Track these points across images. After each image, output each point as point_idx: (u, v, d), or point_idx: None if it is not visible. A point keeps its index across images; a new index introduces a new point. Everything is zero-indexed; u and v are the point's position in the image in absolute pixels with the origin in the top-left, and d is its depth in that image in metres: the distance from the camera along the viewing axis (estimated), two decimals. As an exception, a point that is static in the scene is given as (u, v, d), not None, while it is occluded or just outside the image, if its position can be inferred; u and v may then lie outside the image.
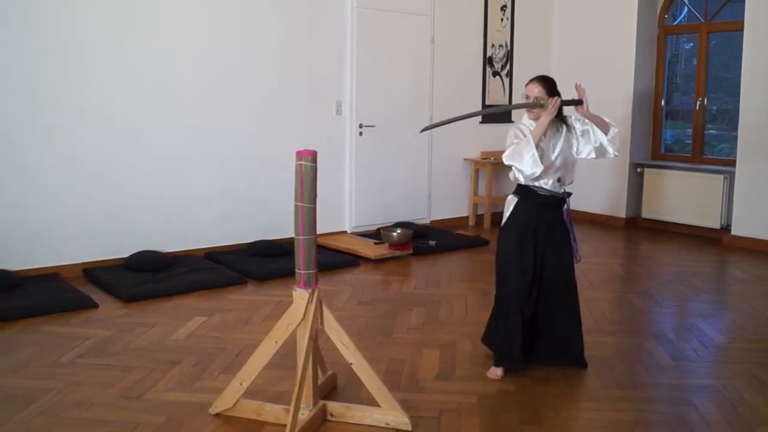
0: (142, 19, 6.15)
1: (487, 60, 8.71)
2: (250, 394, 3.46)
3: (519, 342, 3.95)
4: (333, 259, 6.49)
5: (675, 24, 8.74)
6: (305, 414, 3.27)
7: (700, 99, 8.28)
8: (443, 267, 6.55)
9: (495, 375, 3.96)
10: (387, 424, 3.34)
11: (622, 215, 8.66)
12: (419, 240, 7.19)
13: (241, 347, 4.34)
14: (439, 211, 8.44)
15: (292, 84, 7.14)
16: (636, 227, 8.60)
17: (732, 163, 7.72)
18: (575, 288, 4.16)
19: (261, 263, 6.27)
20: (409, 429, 3.31)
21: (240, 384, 3.40)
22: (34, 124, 5.71)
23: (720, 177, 7.85)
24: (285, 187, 6.60)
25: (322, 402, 3.44)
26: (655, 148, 8.78)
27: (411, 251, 6.92)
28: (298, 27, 7.10)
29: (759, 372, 4.09)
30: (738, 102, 7.53)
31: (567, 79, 9.00)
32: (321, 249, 6.32)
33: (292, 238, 3.39)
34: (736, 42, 7.83)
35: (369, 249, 6.85)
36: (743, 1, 7.46)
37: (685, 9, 8.64)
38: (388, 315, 5.09)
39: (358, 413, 3.41)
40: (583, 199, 9.04)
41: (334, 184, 7.49)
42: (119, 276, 5.76)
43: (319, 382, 3.53)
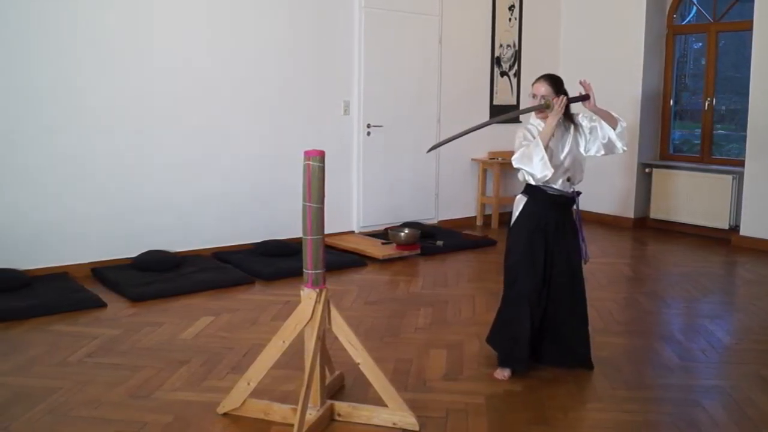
0: (149, 19, 6.17)
1: (495, 60, 8.70)
2: (257, 393, 3.47)
3: (525, 343, 3.93)
4: (340, 259, 6.50)
5: (684, 24, 8.71)
6: (312, 414, 3.27)
7: (708, 99, 8.25)
8: (451, 267, 6.54)
9: (502, 376, 3.94)
10: (394, 424, 3.34)
11: (630, 215, 8.63)
12: (427, 240, 7.18)
13: (249, 347, 4.35)
14: (447, 211, 8.44)
15: (300, 84, 7.15)
16: (644, 227, 8.57)
17: (741, 164, 7.69)
18: (583, 289, 4.13)
19: (269, 263, 6.28)
20: (417, 429, 3.31)
21: (248, 384, 3.40)
22: (41, 124, 5.73)
23: (729, 177, 7.82)
24: (293, 187, 6.62)
25: (329, 402, 3.44)
26: (664, 148, 8.75)
27: (418, 251, 6.92)
28: (305, 27, 7.11)
29: (767, 373, 4.08)
30: (747, 102, 7.50)
31: (575, 79, 8.96)
32: (329, 249, 6.34)
33: (299, 238, 3.40)
34: (745, 42, 7.80)
35: (376, 249, 6.85)
36: (752, 1, 7.42)
37: (694, 9, 8.62)
38: (395, 315, 5.09)
39: (365, 413, 3.41)
40: (591, 199, 9.02)
41: (341, 184, 7.49)
42: (127, 275, 5.78)
43: (327, 382, 3.54)
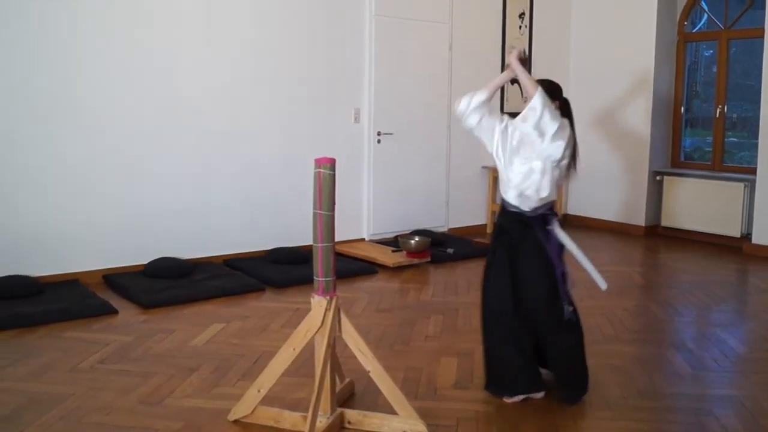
0: (163, 26, 6.21)
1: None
2: (268, 401, 3.47)
3: (514, 367, 3.69)
4: (351, 267, 6.50)
5: (695, 31, 8.69)
6: (323, 421, 3.27)
7: (720, 106, 8.23)
8: (461, 275, 6.53)
9: (512, 400, 3.73)
10: (404, 431, 3.34)
11: (641, 223, 8.60)
12: (437, 248, 7.18)
13: (260, 354, 4.36)
14: (457, 219, 8.44)
15: (310, 92, 7.17)
16: (655, 235, 8.54)
17: (753, 171, 7.65)
18: (566, 321, 3.67)
19: (279, 270, 6.29)
20: (427, 437, 3.31)
21: (258, 391, 3.41)
22: (53, 131, 5.77)
23: (740, 185, 7.78)
24: (303, 195, 6.64)
25: (339, 409, 3.44)
26: (675, 155, 8.73)
27: (429, 259, 6.91)
28: (316, 35, 7.14)
29: (780, 382, 4.06)
30: (758, 109, 7.47)
31: (586, 87, 9.07)
32: (339, 256, 6.34)
33: (310, 245, 3.40)
34: (756, 49, 7.77)
35: (387, 257, 6.85)
36: (764, 8, 7.41)
37: (705, 16, 8.60)
38: (405, 323, 5.09)
39: (375, 421, 3.40)
40: (602, 207, 9.02)
41: (352, 191, 7.51)
42: (139, 282, 5.80)
43: (337, 389, 3.54)
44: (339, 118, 7.42)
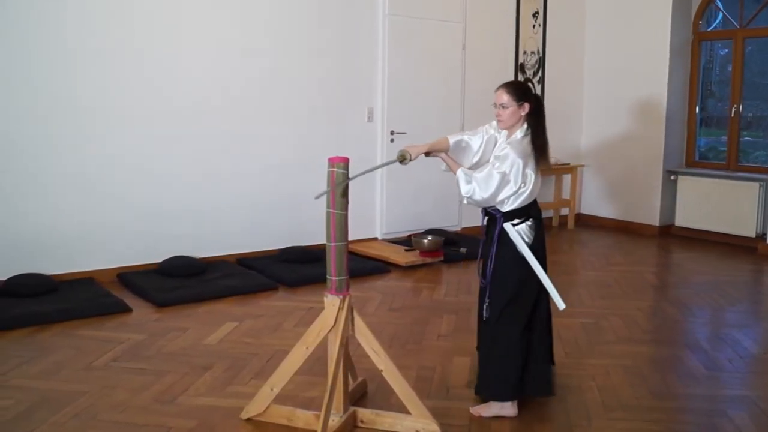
0: (178, 26, 6.23)
1: (519, 67, 8.68)
2: (281, 399, 3.48)
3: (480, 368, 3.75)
4: (364, 266, 6.51)
5: (710, 30, 8.64)
6: (336, 420, 3.28)
7: (735, 105, 8.17)
8: (474, 274, 6.47)
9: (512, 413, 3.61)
10: (417, 431, 3.34)
11: (655, 223, 8.56)
12: (450, 247, 7.17)
13: (273, 353, 4.37)
14: (470, 219, 8.41)
15: (324, 91, 7.18)
16: (669, 235, 8.50)
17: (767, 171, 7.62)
18: (489, 318, 3.63)
19: (292, 269, 6.30)
20: (439, 437, 3.31)
21: (271, 389, 3.42)
22: (69, 131, 5.80)
23: (756, 185, 7.73)
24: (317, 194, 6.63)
25: (352, 408, 3.45)
26: (690, 155, 8.68)
27: (442, 258, 6.91)
28: (330, 34, 7.15)
29: (796, 383, 4.03)
30: (774, 109, 7.43)
31: (599, 86, 9.03)
32: (352, 255, 6.34)
33: (323, 244, 3.41)
34: (772, 48, 7.73)
35: (400, 256, 6.85)
36: (780, 7, 7.36)
37: (720, 15, 8.55)
38: (418, 322, 5.09)
39: (388, 420, 3.41)
40: (615, 207, 8.98)
41: (365, 191, 7.50)
42: (153, 281, 5.83)
43: (350, 388, 3.54)
44: (352, 117, 7.43)
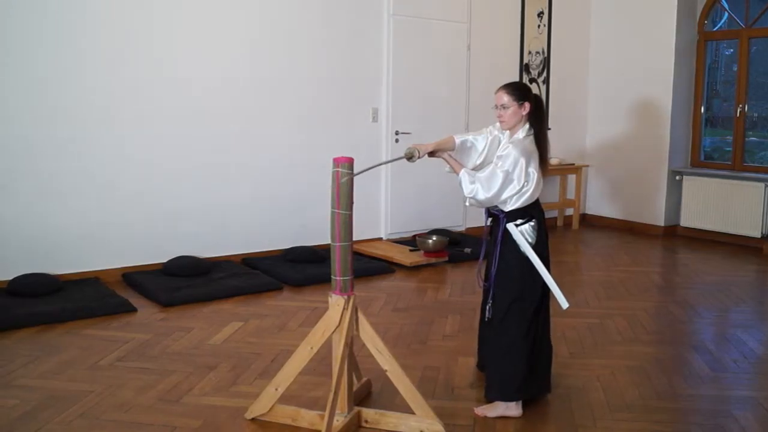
0: (185, 26, 6.24)
1: (524, 67, 8.68)
2: (285, 399, 3.49)
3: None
4: (368, 266, 6.51)
5: (715, 30, 8.62)
6: (340, 420, 3.28)
7: (740, 105, 8.16)
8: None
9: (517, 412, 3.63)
10: (421, 431, 3.34)
11: (660, 223, 8.55)
12: (454, 247, 7.18)
13: (277, 353, 4.37)
14: (475, 219, 8.40)
15: (329, 91, 7.18)
16: (674, 235, 8.48)
17: (773, 171, 7.60)
18: (493, 319, 3.72)
19: (297, 269, 6.31)
20: (444, 437, 3.31)
21: (275, 389, 3.42)
22: (74, 132, 5.82)
23: (761, 185, 7.71)
24: (321, 194, 6.65)
25: (356, 408, 3.45)
26: (695, 155, 8.66)
27: (446, 258, 6.91)
28: (335, 35, 7.15)
29: (801, 384, 4.02)
30: (780, 109, 7.41)
31: (605, 86, 9.02)
32: (356, 255, 6.35)
33: (328, 244, 3.41)
34: (778, 48, 7.71)
35: (404, 256, 6.85)
36: (786, 7, 7.34)
37: (726, 14, 8.53)
38: (423, 322, 5.09)
39: (392, 420, 3.41)
40: (620, 207, 8.97)
41: (370, 191, 7.51)
42: (158, 281, 5.84)
43: (354, 388, 3.54)
44: (357, 117, 7.43)
